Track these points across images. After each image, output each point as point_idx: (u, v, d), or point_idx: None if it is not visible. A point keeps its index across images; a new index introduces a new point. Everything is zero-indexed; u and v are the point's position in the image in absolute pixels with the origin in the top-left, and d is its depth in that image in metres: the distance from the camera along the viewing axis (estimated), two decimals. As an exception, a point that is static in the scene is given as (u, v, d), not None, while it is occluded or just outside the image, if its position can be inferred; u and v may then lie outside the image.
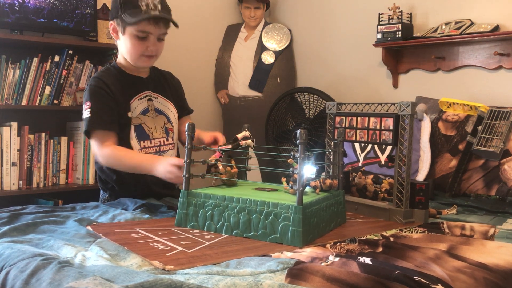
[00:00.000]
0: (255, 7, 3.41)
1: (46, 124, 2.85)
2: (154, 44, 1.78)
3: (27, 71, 2.68)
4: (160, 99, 1.91)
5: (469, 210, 1.83)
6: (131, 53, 1.80)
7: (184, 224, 1.44)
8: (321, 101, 2.97)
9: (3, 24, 2.62)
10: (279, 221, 1.30)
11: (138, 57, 1.80)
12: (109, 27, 1.85)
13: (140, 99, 1.85)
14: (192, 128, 1.45)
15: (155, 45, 1.79)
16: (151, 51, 1.79)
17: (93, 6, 2.88)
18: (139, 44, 1.77)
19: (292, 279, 1.02)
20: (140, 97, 1.85)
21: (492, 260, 1.21)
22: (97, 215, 1.58)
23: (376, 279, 1.01)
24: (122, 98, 1.81)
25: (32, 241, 1.26)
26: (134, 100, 1.84)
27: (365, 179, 1.82)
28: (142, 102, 1.86)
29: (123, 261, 1.14)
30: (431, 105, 2.41)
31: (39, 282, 0.98)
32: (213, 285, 0.95)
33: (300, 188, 1.27)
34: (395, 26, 2.71)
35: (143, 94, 1.87)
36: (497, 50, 2.44)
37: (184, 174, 1.45)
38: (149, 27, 1.74)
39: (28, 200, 2.63)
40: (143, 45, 1.77)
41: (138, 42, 1.77)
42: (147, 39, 1.77)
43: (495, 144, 1.98)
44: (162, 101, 1.91)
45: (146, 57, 1.81)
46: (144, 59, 1.82)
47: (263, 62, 3.37)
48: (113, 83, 1.81)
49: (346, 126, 1.73)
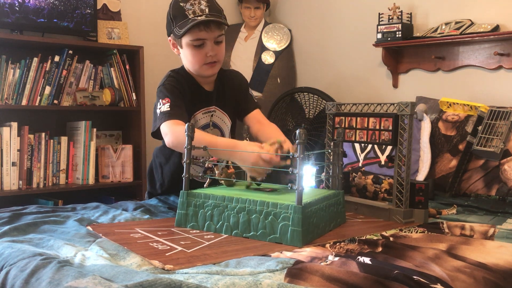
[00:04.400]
0: (255, 7, 3.41)
1: (46, 124, 2.85)
2: (212, 48, 1.73)
3: (27, 71, 2.68)
4: (219, 113, 1.86)
5: (469, 210, 1.83)
6: (192, 63, 1.76)
7: (184, 225, 1.45)
8: (321, 101, 2.98)
9: (3, 24, 2.62)
10: (279, 221, 1.30)
11: (200, 66, 1.76)
12: (170, 44, 1.82)
13: (204, 113, 1.82)
14: (192, 129, 1.45)
15: (214, 49, 1.73)
16: (211, 57, 1.74)
17: (93, 6, 2.88)
18: (197, 53, 1.73)
19: (291, 278, 1.02)
20: (205, 111, 1.82)
21: (492, 260, 1.21)
22: (97, 215, 1.59)
23: (376, 278, 1.01)
24: (190, 106, 1.78)
25: (32, 241, 1.26)
26: (199, 112, 1.80)
27: (365, 179, 1.82)
28: (205, 117, 1.82)
29: (123, 260, 1.14)
30: (431, 105, 2.41)
31: (39, 281, 0.98)
32: (212, 284, 0.95)
33: (300, 188, 1.27)
34: (395, 26, 2.71)
35: (209, 109, 1.83)
36: (497, 50, 2.44)
37: (184, 174, 1.45)
38: (201, 33, 1.70)
39: (28, 200, 2.63)
40: (202, 53, 1.73)
41: (196, 51, 1.73)
42: (204, 45, 1.72)
43: (495, 144, 1.98)
44: (220, 115, 1.87)
45: (208, 65, 1.76)
46: (206, 67, 1.76)
47: (263, 62, 3.37)
48: (185, 87, 1.78)
49: (345, 126, 1.73)
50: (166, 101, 1.69)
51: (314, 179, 1.71)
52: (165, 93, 1.72)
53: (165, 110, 1.67)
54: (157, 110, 1.70)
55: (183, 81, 1.79)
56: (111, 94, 2.88)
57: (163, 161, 1.88)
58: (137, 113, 3.00)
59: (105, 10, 3.05)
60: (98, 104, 2.89)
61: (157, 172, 1.92)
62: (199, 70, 1.77)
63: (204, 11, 1.68)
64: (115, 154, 2.92)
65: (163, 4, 3.36)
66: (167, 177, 1.88)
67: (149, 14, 3.27)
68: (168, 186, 1.89)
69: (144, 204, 1.77)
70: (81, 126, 2.83)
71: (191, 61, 1.76)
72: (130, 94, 2.98)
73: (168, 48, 1.85)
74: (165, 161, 1.88)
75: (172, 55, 1.74)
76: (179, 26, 1.70)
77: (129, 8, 3.20)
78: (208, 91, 1.84)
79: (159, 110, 1.69)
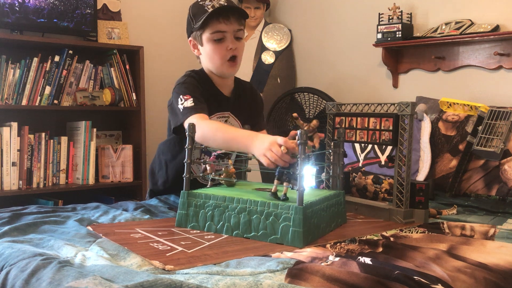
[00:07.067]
0: (255, 7, 3.41)
1: (46, 124, 2.85)
2: (233, 42, 1.73)
3: (27, 71, 2.68)
4: (232, 119, 1.86)
5: (469, 210, 1.83)
6: (214, 59, 1.76)
7: (185, 225, 1.44)
8: (321, 101, 2.98)
9: (3, 24, 2.62)
10: (280, 222, 1.30)
11: (222, 63, 1.76)
12: (190, 46, 1.82)
13: (219, 117, 1.82)
14: (193, 129, 1.45)
15: (234, 43, 1.73)
16: (232, 51, 1.74)
17: (93, 6, 2.88)
18: (218, 47, 1.73)
19: (292, 279, 1.02)
20: (220, 116, 1.82)
21: (492, 260, 1.21)
22: (98, 216, 1.59)
23: (376, 279, 1.01)
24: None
25: (32, 241, 1.26)
26: (214, 116, 1.80)
27: (365, 180, 1.82)
28: (219, 121, 1.81)
29: (123, 261, 1.14)
30: (431, 105, 2.41)
31: (39, 281, 0.98)
32: (213, 285, 0.95)
33: (301, 189, 1.27)
34: (395, 26, 2.71)
35: (224, 114, 1.83)
36: (497, 50, 2.44)
37: (184, 175, 1.45)
38: (221, 26, 1.71)
39: (28, 200, 2.63)
40: (223, 47, 1.73)
41: (216, 46, 1.73)
42: (224, 39, 1.73)
43: (495, 144, 1.98)
44: (233, 121, 1.86)
45: (230, 63, 1.76)
46: (228, 64, 1.76)
47: (263, 62, 3.37)
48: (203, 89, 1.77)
49: (346, 126, 1.73)
50: (187, 97, 1.68)
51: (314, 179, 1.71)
52: (185, 90, 1.71)
53: (189, 105, 1.66)
54: (179, 105, 1.68)
55: (202, 82, 1.79)
56: (111, 94, 2.88)
57: (169, 158, 1.88)
58: (137, 113, 3.00)
59: (105, 10, 3.05)
60: (98, 104, 2.89)
61: (162, 169, 1.92)
62: (221, 68, 1.77)
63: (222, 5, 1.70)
64: (115, 154, 2.92)
65: (163, 4, 3.37)
66: (171, 174, 1.88)
67: (149, 14, 3.27)
68: (172, 184, 1.88)
69: (144, 204, 1.77)
70: (81, 126, 2.83)
71: (212, 57, 1.75)
72: (130, 94, 2.98)
73: (168, 48, 1.85)
74: (171, 158, 1.87)
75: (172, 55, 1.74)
76: (198, 21, 1.71)
77: (129, 8, 3.20)
78: (225, 96, 1.84)
79: (181, 105, 1.67)
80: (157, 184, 1.94)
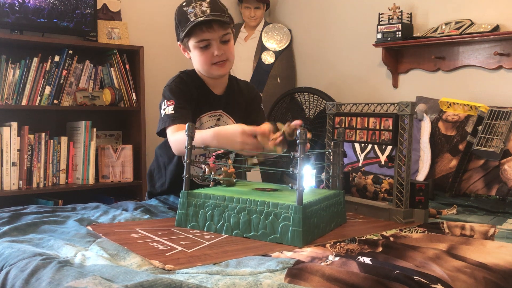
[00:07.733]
0: (255, 7, 3.41)
1: (46, 124, 2.85)
2: (219, 48, 1.72)
3: (27, 71, 2.68)
4: (225, 118, 1.86)
5: (469, 210, 1.83)
6: (201, 65, 1.77)
7: (184, 225, 1.44)
8: (321, 101, 2.98)
9: (3, 24, 2.62)
10: (279, 221, 1.30)
11: (209, 67, 1.76)
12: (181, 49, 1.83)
13: (210, 116, 1.82)
14: (192, 128, 1.45)
15: (220, 49, 1.73)
16: (218, 57, 1.73)
17: (93, 6, 2.88)
18: (204, 54, 1.74)
19: (291, 278, 1.02)
20: (211, 115, 1.82)
21: (492, 260, 1.21)
22: (98, 215, 1.59)
23: (376, 278, 1.01)
24: (196, 108, 1.78)
25: (32, 241, 1.26)
26: (205, 115, 1.81)
27: (365, 179, 1.82)
28: (211, 120, 1.82)
29: (123, 260, 1.14)
30: (431, 105, 2.41)
31: (39, 281, 0.98)
32: (213, 284, 0.95)
33: (301, 188, 1.27)
34: (395, 26, 2.71)
35: (215, 113, 1.83)
36: (497, 50, 2.44)
37: (184, 174, 1.45)
38: (204, 34, 1.70)
39: (28, 200, 2.63)
40: (209, 53, 1.73)
41: (203, 52, 1.74)
42: (210, 46, 1.72)
43: (495, 144, 1.98)
44: (227, 120, 1.86)
45: (217, 65, 1.76)
46: (216, 67, 1.76)
47: (263, 62, 3.37)
48: (191, 89, 1.78)
49: (345, 126, 1.73)
50: (170, 103, 1.71)
51: (314, 179, 1.71)
52: (169, 95, 1.73)
53: (169, 112, 1.69)
54: (161, 110, 1.72)
55: (191, 82, 1.79)
56: (111, 94, 2.88)
57: (167, 161, 1.89)
58: (137, 113, 3.00)
59: (105, 10, 3.05)
60: (98, 104, 2.89)
61: (160, 171, 1.93)
62: (209, 71, 1.77)
63: (205, 12, 1.68)
64: (115, 154, 2.92)
65: (163, 5, 3.37)
66: (169, 176, 1.89)
67: (149, 14, 3.27)
68: (168, 186, 1.89)
69: (144, 204, 1.77)
70: (81, 126, 2.83)
71: (200, 63, 1.76)
72: (130, 94, 2.98)
73: (168, 48, 1.85)
74: (168, 161, 1.88)
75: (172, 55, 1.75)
76: (183, 30, 1.71)
77: (129, 8, 3.20)
78: (216, 95, 1.84)
79: (163, 111, 1.71)
80: (155, 187, 1.95)
